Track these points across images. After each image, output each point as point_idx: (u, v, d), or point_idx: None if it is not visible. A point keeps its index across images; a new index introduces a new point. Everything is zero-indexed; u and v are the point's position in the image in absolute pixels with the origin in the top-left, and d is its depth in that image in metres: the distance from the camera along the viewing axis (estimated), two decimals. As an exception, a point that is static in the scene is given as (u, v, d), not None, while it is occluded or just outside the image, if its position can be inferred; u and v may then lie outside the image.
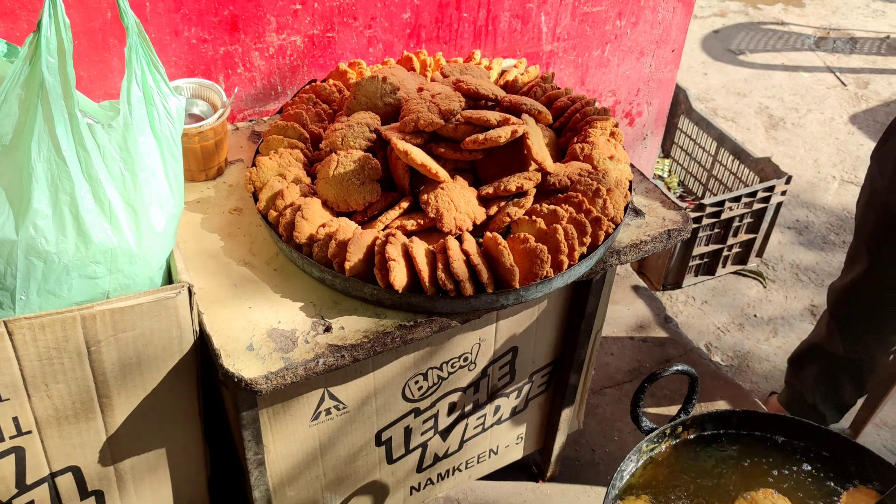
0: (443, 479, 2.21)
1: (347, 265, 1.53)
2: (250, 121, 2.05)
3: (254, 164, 1.74)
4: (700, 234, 3.42)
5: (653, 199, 1.87)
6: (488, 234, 1.58)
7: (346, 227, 1.59)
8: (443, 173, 1.62)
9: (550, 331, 2.03)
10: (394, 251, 1.51)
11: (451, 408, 2.01)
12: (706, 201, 3.29)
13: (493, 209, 1.66)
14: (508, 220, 1.62)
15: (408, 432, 1.98)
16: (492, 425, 2.16)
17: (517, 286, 1.54)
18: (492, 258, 1.56)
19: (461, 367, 1.91)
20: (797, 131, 4.63)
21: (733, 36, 5.57)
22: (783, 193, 3.45)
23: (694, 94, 3.87)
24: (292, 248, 1.61)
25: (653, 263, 3.53)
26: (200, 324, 1.53)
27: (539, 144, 1.70)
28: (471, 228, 1.62)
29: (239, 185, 1.85)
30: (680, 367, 1.78)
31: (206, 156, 1.79)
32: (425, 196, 1.63)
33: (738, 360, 3.31)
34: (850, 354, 2.67)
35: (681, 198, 3.96)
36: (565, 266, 1.57)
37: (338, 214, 1.67)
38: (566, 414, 2.23)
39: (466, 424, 2.09)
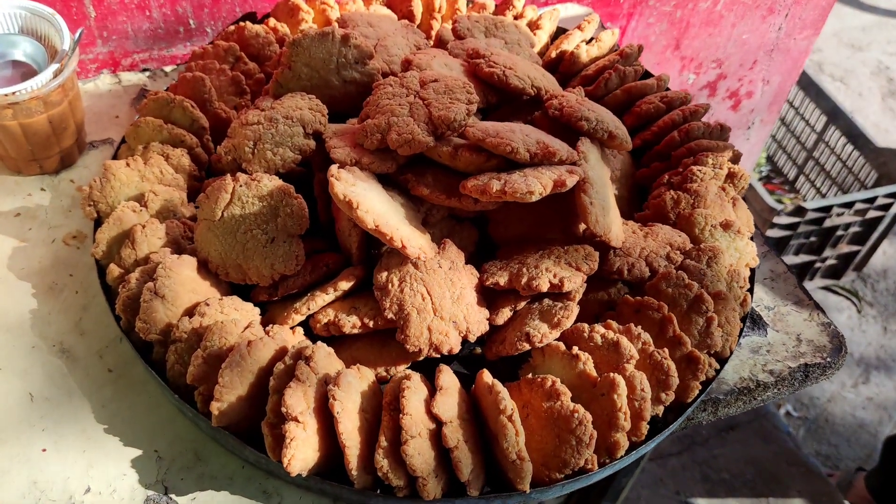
0: None
1: (217, 406, 0.81)
2: (144, 70, 1.28)
3: (105, 169, 1.00)
4: (792, 242, 2.63)
5: (782, 294, 1.11)
6: (486, 377, 0.85)
7: (228, 326, 0.86)
8: (415, 245, 0.87)
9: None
10: (297, 401, 0.79)
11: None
12: (808, 205, 2.49)
13: (504, 313, 0.92)
14: (528, 346, 0.88)
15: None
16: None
17: (526, 490, 0.81)
18: (485, 425, 0.84)
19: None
20: (921, 104, 3.72)
21: (853, -31, 4.55)
22: (908, 201, 2.62)
23: (808, 49, 2.99)
24: (136, 344, 0.90)
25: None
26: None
27: (603, 200, 0.94)
28: (457, 350, 0.89)
29: (94, 188, 1.10)
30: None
31: (34, 136, 1.05)
32: (382, 278, 0.89)
33: (815, 411, 2.58)
34: None
35: (766, 179, 3.15)
36: (621, 451, 0.84)
37: (230, 286, 0.95)
38: (585, 541, 1.54)
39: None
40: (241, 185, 0.92)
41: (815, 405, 2.61)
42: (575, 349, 0.87)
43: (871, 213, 2.63)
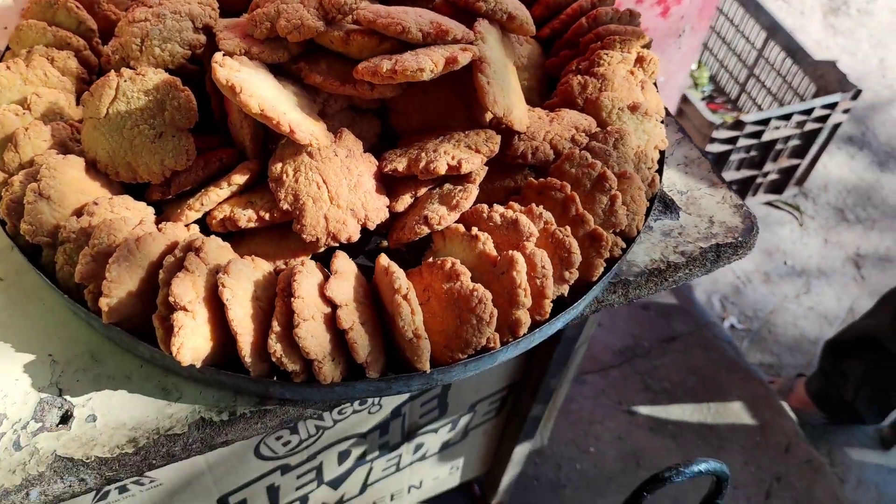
0: (338, 524, 1.56)
1: (106, 302, 0.79)
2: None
3: (-15, 72, 0.95)
4: (732, 158, 2.64)
5: (696, 177, 1.10)
6: (382, 260, 0.83)
7: (117, 223, 0.83)
8: (306, 131, 0.84)
9: (506, 354, 1.31)
10: (185, 290, 0.77)
11: (345, 457, 1.32)
12: (747, 118, 2.50)
13: (405, 200, 0.90)
14: (427, 230, 0.86)
15: (273, 491, 1.30)
16: (411, 463, 1.49)
17: (426, 369, 0.81)
18: (384, 310, 0.82)
19: (357, 411, 1.21)
20: (863, 20, 3.72)
21: None
22: (846, 112, 2.64)
23: (745, -36, 2.97)
24: (24, 248, 0.87)
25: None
26: None
27: (503, 80, 0.92)
28: (356, 238, 0.87)
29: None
30: (706, 467, 1.07)
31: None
32: (277, 169, 0.87)
33: (759, 322, 2.62)
34: (923, 362, 1.98)
35: (710, 99, 3.15)
36: (523, 328, 0.83)
37: (123, 186, 0.92)
38: (522, 448, 1.55)
39: (370, 468, 1.42)
40: (125, 81, 0.88)
41: (758, 317, 2.65)
42: (474, 230, 0.85)
43: (809, 126, 2.64)
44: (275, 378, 0.80)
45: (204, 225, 0.89)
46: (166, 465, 0.83)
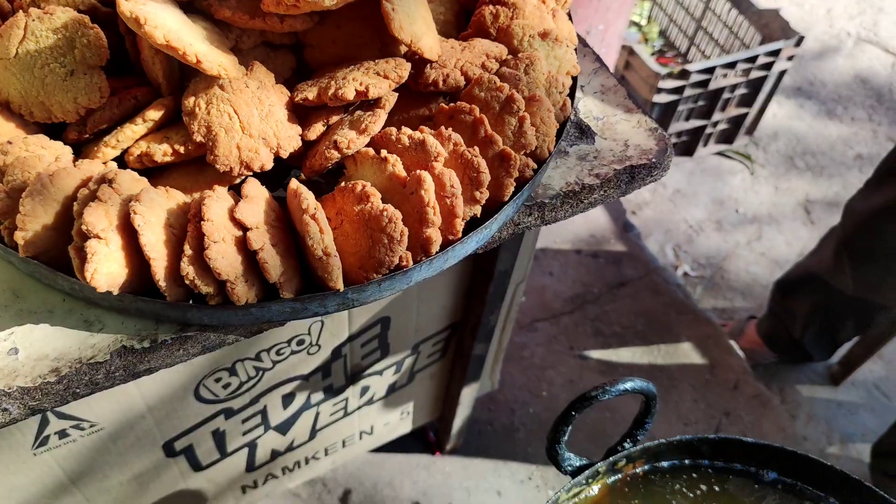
0: (291, 471, 1.59)
1: (21, 235, 0.80)
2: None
3: None
4: (680, 108, 2.68)
5: (612, 104, 1.13)
6: (292, 183, 0.85)
7: (30, 160, 0.85)
8: (213, 61, 0.86)
9: (443, 294, 1.34)
10: (97, 218, 0.78)
11: (289, 400, 1.35)
12: (691, 67, 2.53)
13: (317, 128, 0.92)
14: (337, 154, 0.88)
15: (220, 436, 1.33)
16: (359, 408, 1.51)
17: (339, 287, 0.83)
18: (296, 233, 0.85)
19: (295, 352, 1.23)
20: (809, -28, 3.77)
21: None
22: (790, 59, 2.68)
23: (689, -83, 3.00)
24: (-61, 189, 0.88)
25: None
26: None
27: (410, 9, 0.94)
28: (269, 166, 0.89)
29: None
30: (631, 385, 1.11)
31: None
32: (190, 103, 0.88)
33: (712, 269, 2.67)
34: (862, 295, 2.03)
35: (660, 54, 3.18)
36: (434, 246, 0.86)
37: (40, 127, 0.93)
38: (469, 390, 1.59)
39: (317, 413, 1.44)
40: (33, 20, 0.89)
41: (711, 265, 2.70)
42: (384, 153, 0.88)
43: (755, 74, 2.68)
44: (191, 302, 0.82)
45: (123, 165, 0.91)
46: (91, 393, 0.85)
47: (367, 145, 0.89)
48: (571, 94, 1.01)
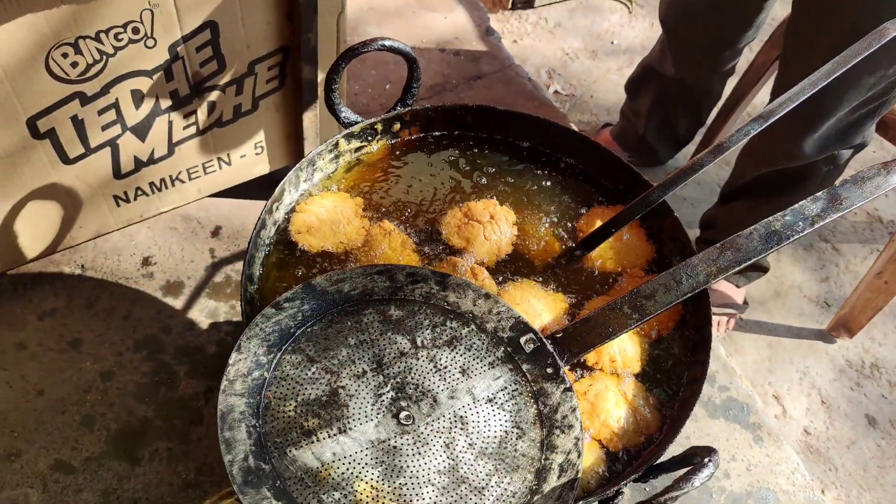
0: (160, 190, 1.87)
1: None
2: None
3: None
4: (552, -60, 2.92)
5: None
6: None
7: None
8: None
9: (264, 7, 1.60)
10: None
11: (139, 97, 1.62)
12: None
13: None
14: None
15: (79, 124, 1.60)
16: (210, 126, 1.79)
17: None
18: None
19: (132, 41, 1.50)
20: None
21: None
22: None
23: None
24: None
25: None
26: None
27: None
28: None
29: None
30: (390, 43, 1.39)
31: None
32: None
33: (582, 89, 2.96)
34: (683, 76, 2.33)
35: None
36: None
37: None
38: (310, 118, 1.87)
39: (170, 122, 1.72)
40: None
41: (581, 85, 2.98)
42: None
43: None
44: None
45: None
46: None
47: None
48: None
